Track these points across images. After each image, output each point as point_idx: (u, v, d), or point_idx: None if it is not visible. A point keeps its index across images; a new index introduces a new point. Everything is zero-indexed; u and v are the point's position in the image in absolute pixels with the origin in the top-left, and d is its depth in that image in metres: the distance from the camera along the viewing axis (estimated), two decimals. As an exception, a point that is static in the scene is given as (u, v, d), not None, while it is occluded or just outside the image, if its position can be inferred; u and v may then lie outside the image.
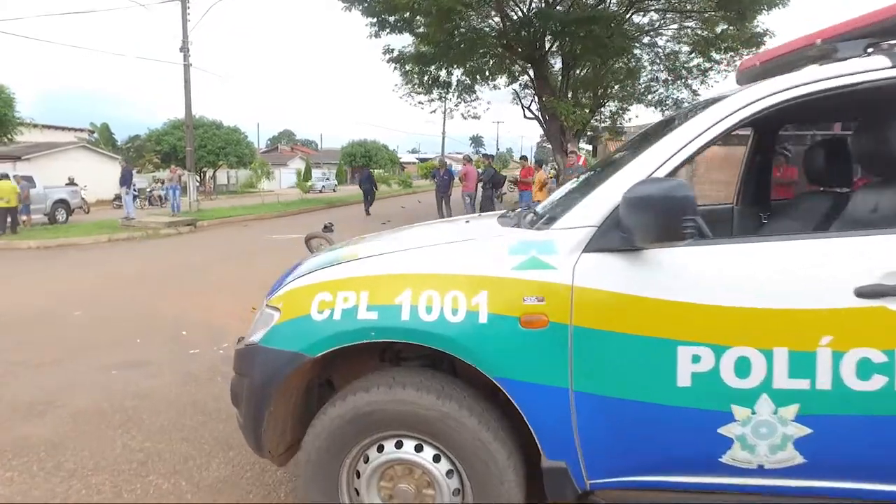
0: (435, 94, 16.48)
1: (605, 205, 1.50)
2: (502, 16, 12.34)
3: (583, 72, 16.07)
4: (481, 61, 14.45)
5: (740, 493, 1.47)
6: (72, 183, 18.63)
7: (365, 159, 45.13)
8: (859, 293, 1.32)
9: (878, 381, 1.32)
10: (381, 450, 1.58)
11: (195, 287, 6.38)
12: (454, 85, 14.82)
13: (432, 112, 18.49)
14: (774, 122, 2.51)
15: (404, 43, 14.25)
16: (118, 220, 13.35)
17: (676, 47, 17.50)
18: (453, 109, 17.44)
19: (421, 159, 63.55)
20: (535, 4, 12.90)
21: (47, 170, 19.81)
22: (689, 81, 19.55)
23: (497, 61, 14.57)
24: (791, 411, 1.37)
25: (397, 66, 13.63)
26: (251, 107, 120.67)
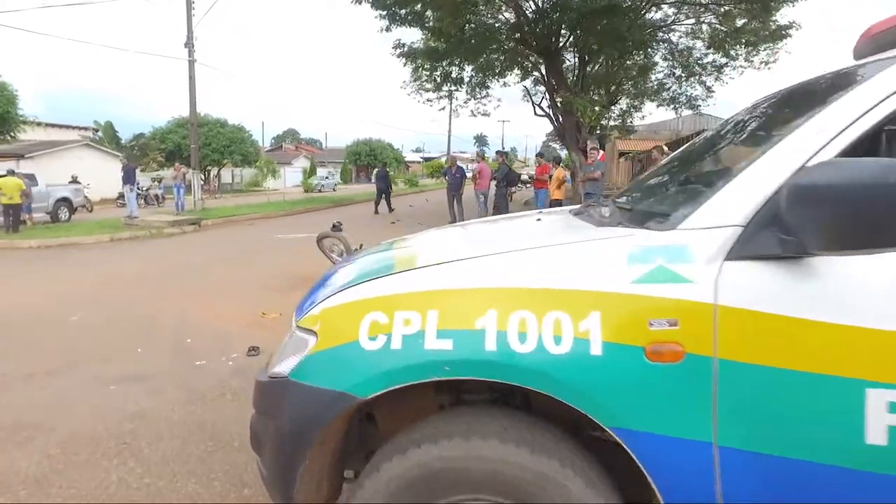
0: (444, 91, 16.13)
1: (754, 196, 1.11)
2: (516, 9, 11.95)
3: (594, 68, 15.67)
4: (492, 57, 14.08)
5: None
6: (75, 181, 18.36)
7: (370, 158, 44.88)
8: None
9: None
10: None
11: (200, 289, 6.03)
12: (466, 81, 14.43)
13: (441, 109, 18.23)
14: None
15: (415, 38, 13.86)
16: (121, 219, 13.03)
17: (690, 43, 17.07)
18: (462, 106, 17.09)
19: (425, 158, 63.22)
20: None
21: (50, 168, 19.57)
22: (703, 78, 19.17)
23: (508, 57, 14.19)
24: None
25: (408, 61, 13.25)
26: (256, 105, 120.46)
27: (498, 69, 14.14)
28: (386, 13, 11.88)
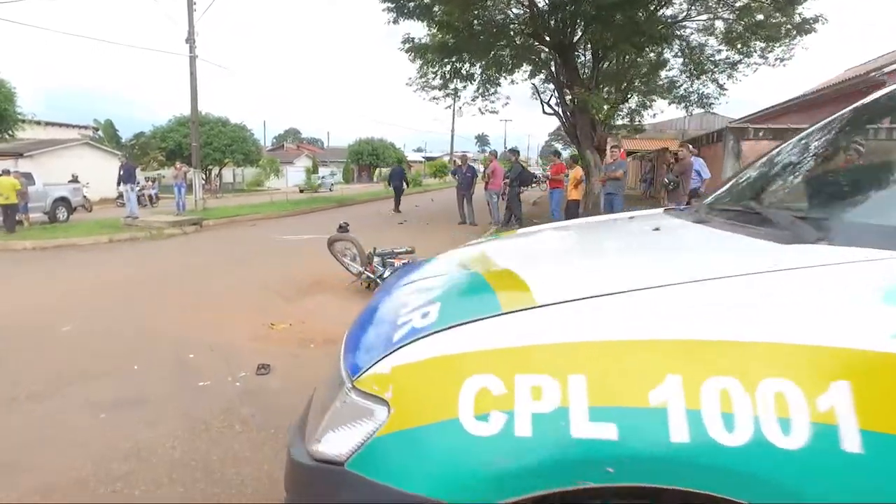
0: (450, 89, 15.72)
1: None
2: (530, 2, 11.52)
3: (608, 65, 15.25)
4: (501, 53, 13.65)
5: None
6: (75, 180, 17.98)
7: (372, 157, 44.47)
8: None
9: None
10: None
11: (202, 296, 5.62)
12: (477, 77, 14.00)
13: (447, 107, 17.77)
14: None
15: (423, 34, 13.43)
16: (120, 219, 12.63)
17: (703, 39, 16.64)
18: (470, 104, 16.67)
19: (427, 158, 62.79)
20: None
21: (50, 167, 19.20)
22: (715, 75, 18.75)
23: (518, 52, 13.76)
24: None
25: (416, 56, 12.81)
26: (257, 104, 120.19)
27: (508, 65, 13.70)
28: (394, 5, 11.46)
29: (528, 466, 0.73)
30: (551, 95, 18.42)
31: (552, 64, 14.40)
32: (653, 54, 17.28)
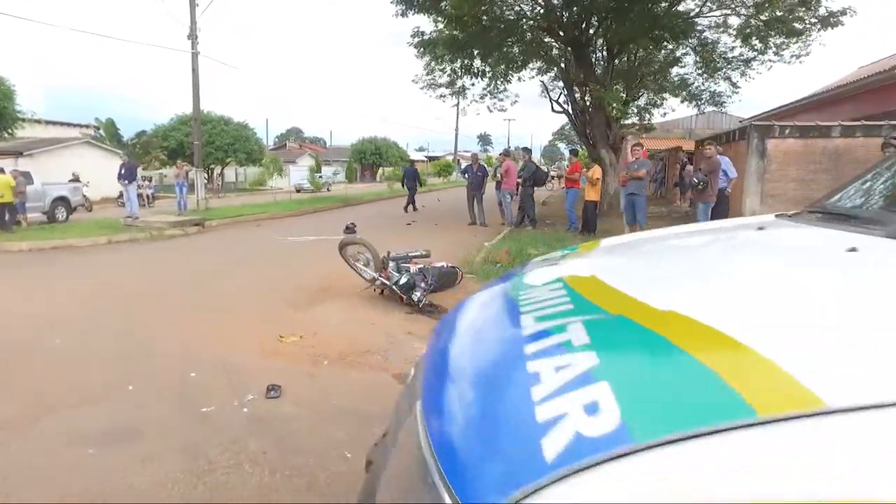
0: (458, 86, 15.35)
1: None
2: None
3: (622, 61, 14.85)
4: (511, 49, 13.26)
5: None
6: (76, 179, 17.67)
7: (375, 157, 44.13)
8: None
9: None
10: None
11: (205, 303, 5.24)
12: (488, 73, 13.60)
13: (454, 105, 17.40)
14: None
15: (430, 29, 13.02)
16: (120, 219, 12.27)
17: (715, 37, 16.22)
18: (478, 102, 16.29)
19: (429, 157, 62.41)
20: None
21: (50, 166, 18.87)
22: (728, 73, 18.35)
23: (528, 48, 13.36)
24: None
25: (426, 51, 12.41)
26: (259, 103, 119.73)
27: (519, 61, 13.30)
28: (402, -3, 11.09)
29: None
30: (560, 93, 18.04)
31: (562, 61, 14.01)
32: (663, 52, 16.89)
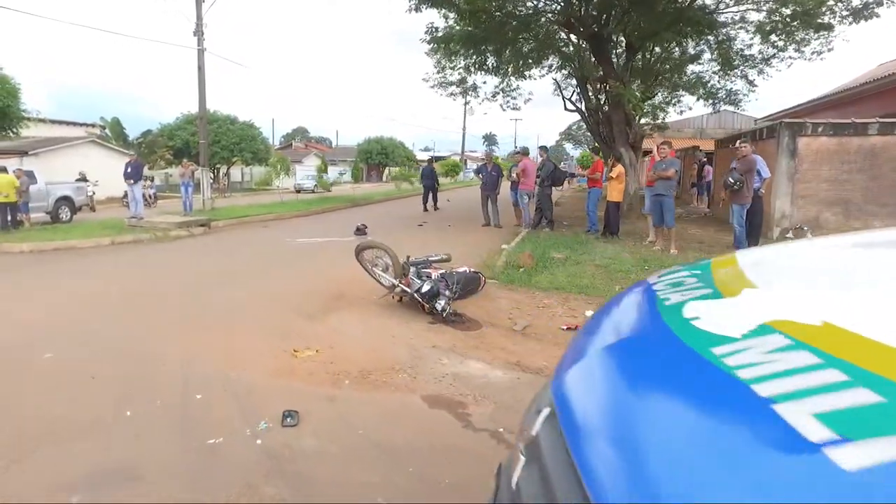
0: (469, 84, 14.95)
1: None
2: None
3: (639, 57, 14.39)
4: (525, 45, 12.84)
5: None
6: (83, 178, 17.46)
7: (381, 156, 43.80)
8: None
9: None
10: None
11: (211, 311, 4.87)
12: (503, 70, 13.19)
13: (466, 103, 16.99)
14: None
15: (441, 24, 12.61)
16: (125, 219, 11.95)
17: (734, 32, 15.74)
18: (491, 100, 15.89)
19: (435, 157, 61.98)
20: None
21: (56, 165, 18.63)
22: (745, 71, 17.87)
23: (542, 44, 12.93)
24: None
25: (439, 46, 12.01)
26: (265, 103, 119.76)
27: (534, 57, 12.88)
28: (416, -8, 10.70)
29: None
30: (573, 92, 17.61)
31: (576, 59, 13.57)
32: (678, 49, 16.41)
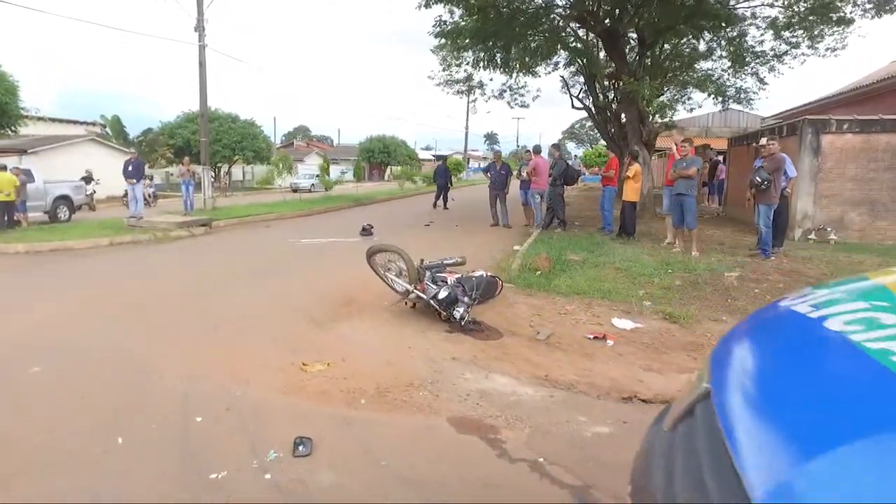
0: (476, 81, 14.67)
1: None
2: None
3: (654, 51, 14.05)
4: (535, 39, 12.51)
5: None
6: (89, 177, 17.24)
7: (383, 155, 43.49)
8: None
9: None
10: None
11: (212, 319, 4.56)
12: (513, 65, 12.86)
13: (473, 101, 16.70)
14: None
15: (450, 21, 12.26)
16: (124, 219, 11.65)
17: (745, 28, 15.39)
18: (498, 98, 15.60)
19: (436, 157, 61.70)
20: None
21: (55, 164, 18.35)
22: (756, 68, 17.53)
23: (552, 38, 12.60)
24: None
25: (448, 41, 11.68)
26: (267, 102, 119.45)
27: (544, 51, 12.54)
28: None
29: None
30: (581, 89, 17.28)
31: (585, 56, 13.24)
32: (689, 45, 16.05)
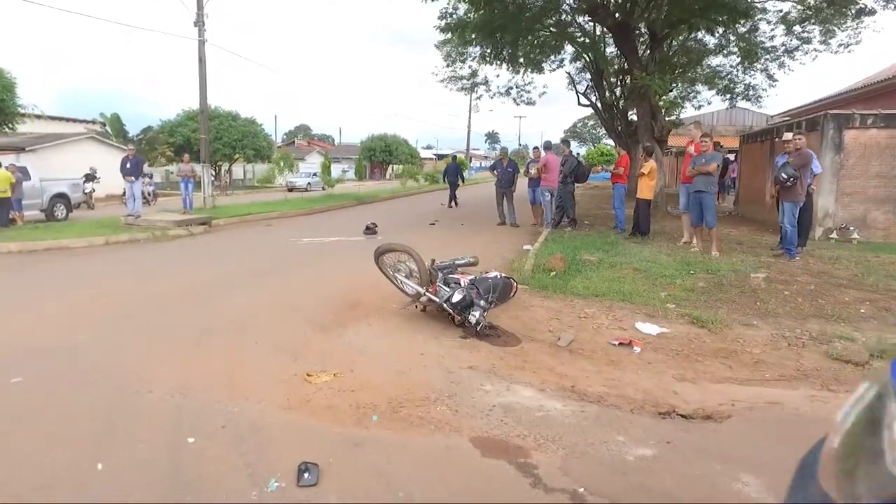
0: (481, 77, 14.37)
1: None
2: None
3: (666, 45, 13.73)
4: (542, 34, 12.21)
5: None
6: (93, 175, 17.03)
7: (385, 154, 43.18)
8: None
9: None
10: None
11: (210, 324, 4.26)
12: (520, 59, 12.55)
13: (478, 98, 16.41)
14: None
15: (454, 15, 11.95)
16: (121, 218, 11.37)
17: (755, 22, 15.06)
18: (503, 95, 15.30)
19: (438, 156, 61.39)
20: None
21: (54, 162, 18.10)
22: (766, 64, 17.24)
23: (558, 35, 12.29)
24: None
25: (454, 34, 11.36)
26: (268, 100, 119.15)
27: (550, 46, 12.24)
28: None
29: None
30: (587, 86, 16.98)
31: (592, 51, 12.93)
32: (698, 41, 15.73)
